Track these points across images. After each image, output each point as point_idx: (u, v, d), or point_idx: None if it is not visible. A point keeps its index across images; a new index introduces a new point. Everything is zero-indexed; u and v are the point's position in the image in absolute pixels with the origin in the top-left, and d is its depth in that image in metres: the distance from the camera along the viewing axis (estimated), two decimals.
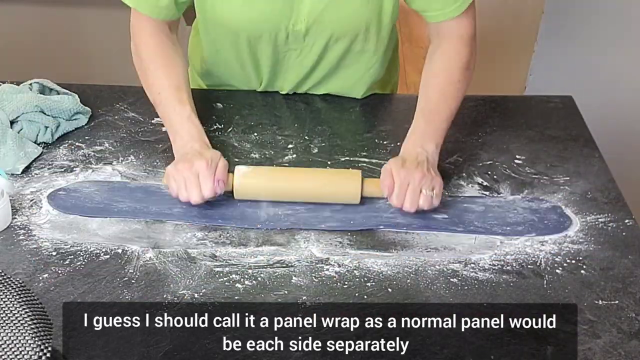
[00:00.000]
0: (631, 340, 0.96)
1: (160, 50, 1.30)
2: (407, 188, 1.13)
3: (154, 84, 1.29)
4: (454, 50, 1.28)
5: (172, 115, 1.25)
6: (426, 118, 1.24)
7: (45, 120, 1.31)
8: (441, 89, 1.26)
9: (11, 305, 0.73)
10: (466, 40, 1.28)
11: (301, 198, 1.18)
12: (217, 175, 1.15)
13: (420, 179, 1.13)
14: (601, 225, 1.16)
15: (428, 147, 1.20)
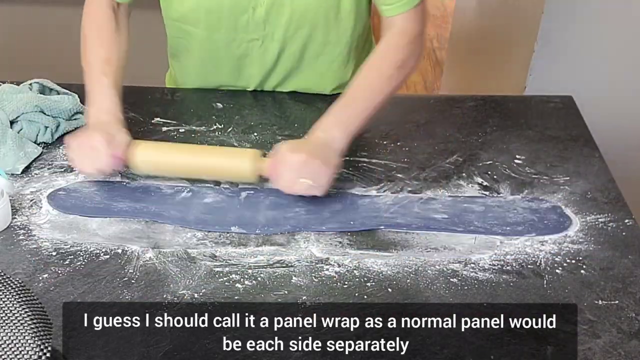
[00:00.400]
0: (631, 340, 0.96)
1: (103, 23, 1.33)
2: (286, 170, 1.12)
3: (86, 55, 1.31)
4: (393, 46, 1.26)
5: (93, 84, 1.27)
6: (343, 104, 1.21)
7: (45, 120, 1.31)
8: (368, 80, 1.24)
9: (11, 305, 0.73)
10: (409, 37, 1.26)
11: (197, 174, 1.21)
12: (113, 150, 1.15)
13: (301, 165, 1.12)
14: (601, 225, 1.16)
15: (334, 132, 1.17)
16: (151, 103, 1.44)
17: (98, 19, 1.34)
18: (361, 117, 1.20)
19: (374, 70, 1.25)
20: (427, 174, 1.26)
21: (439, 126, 1.40)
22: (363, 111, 1.21)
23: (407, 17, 1.26)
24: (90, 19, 1.35)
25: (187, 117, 1.41)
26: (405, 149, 1.33)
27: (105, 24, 1.33)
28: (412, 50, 1.26)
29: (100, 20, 1.33)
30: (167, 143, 1.27)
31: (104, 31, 1.33)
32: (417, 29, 1.27)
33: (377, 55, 1.27)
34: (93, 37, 1.33)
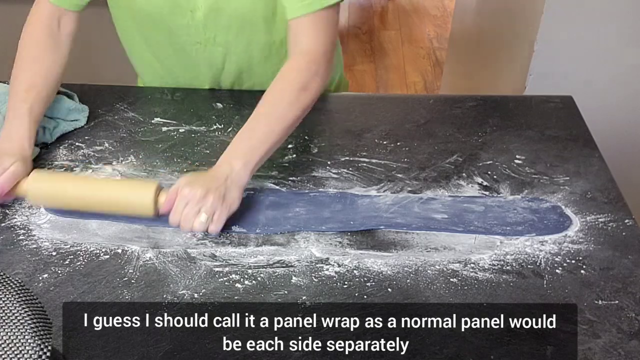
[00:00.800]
0: (631, 340, 0.96)
1: (37, 44, 1.29)
2: (186, 207, 1.07)
3: (14, 76, 1.27)
4: (296, 69, 1.21)
5: (9, 110, 1.23)
6: (245, 134, 1.17)
7: (43, 122, 1.31)
8: (269, 108, 1.19)
9: (11, 305, 0.73)
10: (313, 57, 1.21)
11: (94, 208, 1.13)
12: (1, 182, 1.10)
13: (199, 200, 1.07)
14: (601, 225, 1.16)
15: (235, 164, 1.12)
16: (151, 103, 1.44)
17: (34, 37, 1.30)
18: (263, 147, 1.15)
19: (275, 97, 1.20)
20: (427, 174, 1.26)
21: (439, 126, 1.40)
22: (265, 141, 1.16)
23: (309, 31, 1.22)
24: (26, 38, 1.30)
25: (187, 117, 1.41)
26: (405, 149, 1.33)
27: (36, 45, 1.29)
28: (315, 71, 1.21)
29: (36, 38, 1.29)
30: (63, 174, 1.22)
31: (34, 54, 1.28)
32: (321, 46, 1.22)
33: (278, 80, 1.22)
34: (23, 59, 1.28)
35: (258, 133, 1.17)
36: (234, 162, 1.13)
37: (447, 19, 4.15)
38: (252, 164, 1.14)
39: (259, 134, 1.17)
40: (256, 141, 1.16)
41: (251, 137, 1.16)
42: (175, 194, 1.08)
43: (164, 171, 1.26)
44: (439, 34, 4.10)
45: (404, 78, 3.77)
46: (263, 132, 1.17)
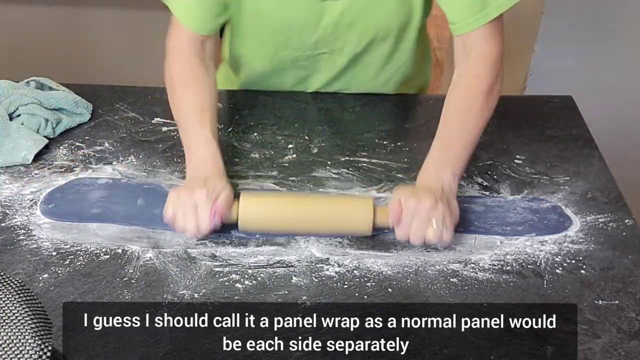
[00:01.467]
0: (631, 340, 0.96)
1: (191, 70, 1.26)
2: (414, 218, 1.05)
3: (179, 105, 1.25)
4: (477, 74, 1.21)
5: (191, 137, 1.20)
6: (443, 146, 1.17)
7: (45, 114, 1.31)
8: (461, 116, 1.20)
9: (11, 305, 0.72)
10: (491, 61, 1.21)
11: (308, 230, 1.12)
12: (216, 208, 1.07)
13: (430, 209, 1.05)
14: (601, 225, 1.16)
15: (444, 175, 1.12)
16: (151, 103, 1.44)
17: (184, 66, 1.27)
18: (464, 156, 1.16)
19: (466, 104, 1.21)
20: None
21: None
22: (464, 149, 1.17)
23: (484, 39, 1.21)
24: (177, 69, 1.27)
25: None
26: (405, 149, 1.33)
27: (193, 72, 1.26)
28: (497, 73, 1.21)
29: (188, 69, 1.26)
30: (271, 196, 1.18)
31: (193, 80, 1.25)
32: (496, 50, 1.22)
33: (463, 86, 1.22)
34: (181, 87, 1.25)
35: (457, 142, 1.17)
36: (442, 173, 1.12)
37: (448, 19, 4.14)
38: (458, 173, 1.14)
39: (457, 143, 1.17)
40: (456, 153, 1.16)
41: (451, 149, 1.17)
42: (399, 208, 1.06)
43: (164, 171, 1.26)
44: (439, 34, 4.09)
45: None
46: (461, 143, 1.17)
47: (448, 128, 1.19)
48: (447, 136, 1.18)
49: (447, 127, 1.19)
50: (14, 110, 1.31)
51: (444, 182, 1.11)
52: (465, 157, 1.17)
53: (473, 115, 1.19)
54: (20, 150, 1.26)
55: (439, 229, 1.05)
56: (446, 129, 1.19)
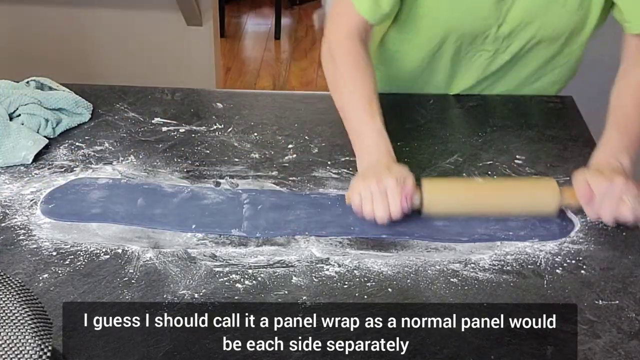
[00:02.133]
0: (631, 340, 0.96)
1: (355, 57, 1.26)
2: (607, 197, 1.07)
3: (346, 93, 1.25)
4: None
5: (362, 127, 1.21)
6: (620, 129, 1.19)
7: (45, 114, 1.31)
8: (637, 101, 1.22)
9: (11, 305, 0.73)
10: None
11: (494, 212, 1.14)
12: (406, 193, 1.10)
13: (622, 187, 1.07)
14: (601, 225, 1.16)
15: (622, 159, 1.14)
16: (151, 103, 1.44)
17: (351, 55, 1.26)
18: (639, 141, 1.18)
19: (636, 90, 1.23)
20: (427, 174, 1.26)
21: (439, 126, 1.40)
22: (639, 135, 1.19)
23: None
24: (342, 57, 1.27)
25: (187, 117, 1.41)
26: (405, 149, 1.33)
27: (357, 60, 1.26)
28: None
29: (353, 56, 1.26)
30: (454, 181, 1.21)
31: (359, 68, 1.25)
32: None
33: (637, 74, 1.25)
34: (349, 78, 1.25)
35: (634, 127, 1.19)
36: (621, 157, 1.14)
37: None
38: (633, 157, 1.16)
39: (635, 128, 1.19)
40: (632, 136, 1.18)
41: (629, 132, 1.19)
42: (589, 188, 1.09)
43: (164, 171, 1.26)
44: None
45: None
46: (638, 126, 1.19)
47: (624, 113, 1.21)
48: (624, 122, 1.20)
49: (623, 113, 1.21)
50: (14, 110, 1.31)
51: (623, 165, 1.13)
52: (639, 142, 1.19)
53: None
54: (20, 150, 1.26)
55: (634, 205, 1.07)
56: (622, 114, 1.21)
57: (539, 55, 1.37)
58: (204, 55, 2.78)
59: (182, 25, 2.65)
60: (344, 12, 1.29)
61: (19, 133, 1.27)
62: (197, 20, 2.66)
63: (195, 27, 2.69)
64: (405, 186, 1.10)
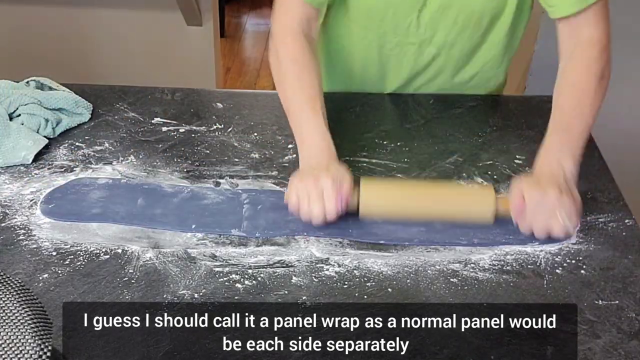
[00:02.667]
0: (631, 340, 0.96)
1: (298, 54, 1.26)
2: (538, 211, 1.06)
3: (289, 92, 1.25)
4: (589, 58, 1.20)
5: (303, 124, 1.21)
6: (561, 131, 1.16)
7: (45, 114, 1.31)
8: (577, 101, 1.19)
9: (11, 305, 0.73)
10: (602, 46, 1.20)
11: (430, 216, 1.13)
12: (342, 194, 1.09)
13: (555, 201, 1.05)
14: (601, 225, 1.16)
15: (565, 163, 1.11)
16: (151, 103, 1.44)
17: (294, 51, 1.26)
18: (582, 140, 1.15)
19: (578, 88, 1.19)
20: (427, 174, 1.26)
21: (439, 126, 1.40)
22: (582, 134, 1.15)
23: (591, 22, 1.20)
24: (284, 52, 1.27)
25: (187, 117, 1.41)
26: (405, 149, 1.33)
27: (301, 58, 1.25)
28: (607, 59, 1.20)
29: (297, 54, 1.26)
30: (392, 182, 1.21)
31: (302, 66, 1.25)
32: (605, 36, 1.20)
33: (575, 71, 1.21)
34: (292, 74, 1.25)
35: (575, 128, 1.16)
36: (563, 160, 1.12)
37: None
38: (578, 159, 1.13)
39: (575, 129, 1.16)
40: (576, 138, 1.15)
41: (569, 134, 1.16)
42: (521, 201, 1.07)
43: (164, 171, 1.26)
44: None
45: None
46: (579, 126, 1.16)
47: (564, 113, 1.18)
48: (564, 121, 1.18)
49: (563, 112, 1.18)
50: (14, 110, 1.31)
51: (565, 170, 1.11)
52: (584, 141, 1.16)
53: (588, 99, 1.18)
54: (20, 150, 1.26)
55: (565, 222, 1.05)
56: (562, 114, 1.18)
57: (464, 45, 1.35)
58: (203, 56, 2.78)
59: (182, 25, 2.65)
60: (286, 3, 1.29)
61: (19, 133, 1.27)
62: (197, 20, 2.66)
63: (195, 27, 2.69)
64: (342, 187, 1.09)
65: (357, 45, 1.38)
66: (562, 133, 1.16)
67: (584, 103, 1.19)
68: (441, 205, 1.13)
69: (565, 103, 1.19)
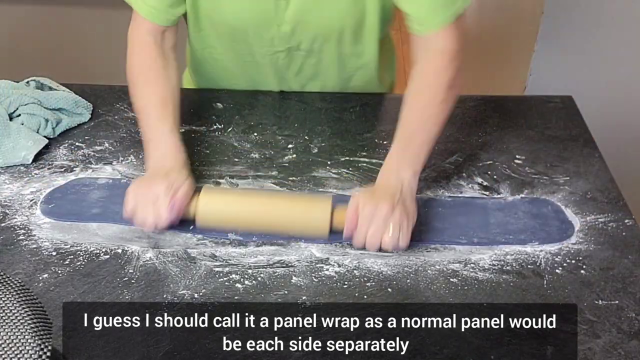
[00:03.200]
0: (631, 340, 0.96)
1: (151, 63, 1.26)
2: (371, 225, 1.04)
3: (139, 98, 1.25)
4: (438, 67, 1.19)
5: (151, 131, 1.20)
6: (404, 143, 1.15)
7: (45, 114, 1.31)
8: (422, 110, 1.18)
9: (11, 305, 0.73)
10: (452, 55, 1.20)
11: (267, 229, 1.11)
12: (175, 202, 1.08)
13: (386, 215, 1.04)
14: (601, 225, 1.16)
15: (404, 174, 1.11)
16: None
17: (146, 61, 1.27)
18: (424, 151, 1.14)
19: (424, 99, 1.18)
20: (427, 174, 1.26)
21: None
22: (425, 146, 1.15)
23: (445, 35, 1.20)
24: (137, 62, 1.27)
25: (187, 117, 1.40)
26: None
27: (153, 65, 1.26)
28: (457, 67, 1.20)
29: (148, 61, 1.26)
30: (232, 193, 1.17)
31: (153, 73, 1.25)
32: (456, 46, 1.20)
33: (424, 81, 1.20)
34: (143, 82, 1.25)
35: (417, 140, 1.16)
36: (403, 172, 1.11)
37: None
38: (418, 171, 1.13)
39: (418, 140, 1.15)
40: (418, 148, 1.15)
41: (412, 145, 1.15)
42: (355, 215, 1.05)
43: None
44: None
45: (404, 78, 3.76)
46: (422, 138, 1.15)
47: (408, 124, 1.17)
48: (408, 133, 1.16)
49: (407, 123, 1.17)
50: (14, 110, 1.31)
51: (403, 182, 1.10)
52: (426, 152, 1.15)
53: (435, 109, 1.17)
54: (20, 150, 1.26)
55: (395, 236, 1.04)
56: (406, 125, 1.17)
57: (332, 52, 1.35)
58: None
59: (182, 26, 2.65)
60: (136, 17, 1.29)
61: (19, 133, 1.27)
62: None
63: None
64: (176, 195, 1.08)
65: (229, 54, 1.38)
66: (404, 144, 1.15)
67: (428, 113, 1.17)
68: (277, 218, 1.10)
69: (409, 113, 1.18)
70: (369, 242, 1.05)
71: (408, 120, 1.17)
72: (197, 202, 1.10)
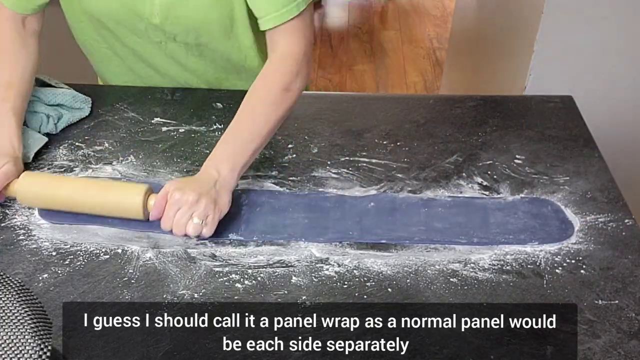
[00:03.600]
0: (631, 340, 0.96)
1: (6, 43, 1.30)
2: (178, 211, 1.07)
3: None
4: (277, 70, 1.23)
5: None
6: (229, 138, 1.17)
7: (46, 110, 1.32)
8: (252, 109, 1.20)
9: (11, 305, 0.73)
10: (292, 60, 1.23)
11: (84, 209, 1.13)
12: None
13: (192, 204, 1.07)
14: (601, 225, 1.16)
15: (222, 168, 1.13)
16: (151, 103, 1.44)
17: (2, 37, 1.30)
18: (248, 150, 1.16)
19: (258, 98, 1.21)
20: (427, 174, 1.26)
21: (439, 126, 1.40)
22: (249, 144, 1.17)
23: (287, 36, 1.23)
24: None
25: (187, 117, 1.41)
26: (405, 149, 1.33)
27: (8, 44, 1.29)
28: (297, 71, 1.22)
29: (4, 38, 1.30)
30: (55, 177, 1.20)
31: (7, 52, 1.29)
32: (300, 48, 1.23)
33: (260, 81, 1.23)
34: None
35: (243, 136, 1.18)
36: (221, 166, 1.13)
37: (447, 19, 4.15)
38: (239, 167, 1.15)
39: (243, 136, 1.18)
40: (241, 144, 1.17)
41: (236, 140, 1.17)
42: (164, 200, 1.08)
43: (164, 171, 1.26)
44: (439, 34, 4.11)
45: (404, 78, 3.77)
46: (247, 135, 1.18)
47: (238, 120, 1.20)
48: (236, 129, 1.19)
49: (237, 119, 1.20)
50: None
51: (219, 176, 1.12)
52: (251, 150, 1.17)
53: (265, 109, 1.20)
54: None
55: (197, 224, 1.07)
56: (237, 120, 1.20)
57: (210, 48, 1.36)
58: None
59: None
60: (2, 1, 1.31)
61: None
62: None
63: None
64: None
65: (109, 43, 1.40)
66: (230, 139, 1.17)
67: (258, 111, 1.20)
68: (93, 198, 1.12)
69: (241, 109, 1.20)
70: (174, 228, 1.08)
71: (239, 117, 1.20)
72: (17, 182, 1.13)
